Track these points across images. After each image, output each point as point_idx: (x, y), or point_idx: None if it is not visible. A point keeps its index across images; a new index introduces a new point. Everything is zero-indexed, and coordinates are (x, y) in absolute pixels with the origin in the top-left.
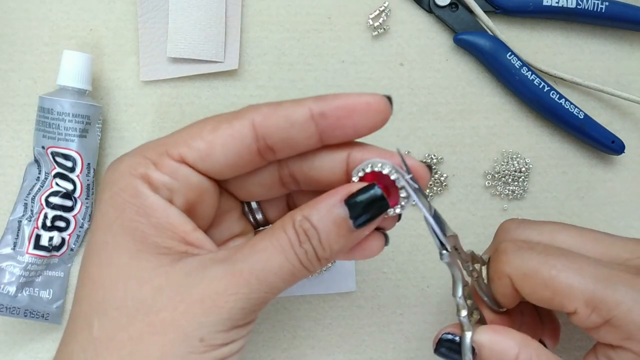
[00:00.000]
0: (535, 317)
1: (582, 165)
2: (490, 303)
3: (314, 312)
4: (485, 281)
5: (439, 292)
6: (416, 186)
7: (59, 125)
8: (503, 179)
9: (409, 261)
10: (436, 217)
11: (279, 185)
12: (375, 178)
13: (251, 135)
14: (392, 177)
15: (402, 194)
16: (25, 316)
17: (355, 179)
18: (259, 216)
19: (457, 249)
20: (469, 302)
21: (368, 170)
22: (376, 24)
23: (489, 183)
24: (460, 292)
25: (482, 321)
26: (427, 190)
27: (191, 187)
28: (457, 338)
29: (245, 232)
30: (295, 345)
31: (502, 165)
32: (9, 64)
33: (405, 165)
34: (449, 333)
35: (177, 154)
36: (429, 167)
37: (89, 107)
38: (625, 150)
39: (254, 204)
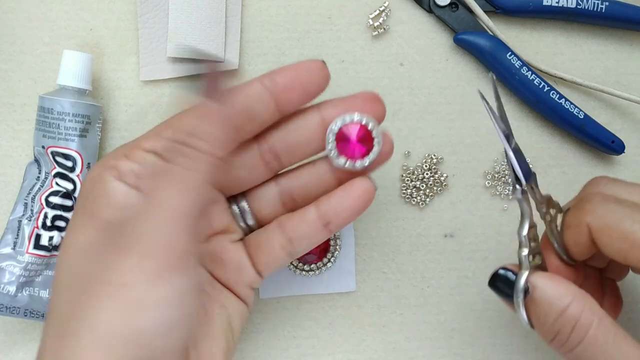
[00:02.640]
0: (597, 286)
1: (582, 165)
2: (559, 250)
3: (314, 312)
4: (559, 229)
5: (439, 292)
6: (494, 113)
7: (59, 125)
8: (503, 179)
9: (409, 261)
10: (516, 150)
11: (262, 166)
12: (351, 130)
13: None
14: (370, 127)
15: (375, 140)
16: (25, 316)
17: (331, 137)
18: (251, 222)
19: (533, 187)
20: (532, 244)
21: (340, 124)
22: (376, 24)
23: (489, 183)
24: (525, 230)
25: (542, 268)
26: (428, 191)
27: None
28: (513, 276)
29: (230, 229)
30: (295, 345)
31: (502, 165)
32: (9, 64)
33: (499, 101)
34: (506, 269)
35: (149, 146)
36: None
37: (89, 107)
38: (625, 150)
39: (245, 206)
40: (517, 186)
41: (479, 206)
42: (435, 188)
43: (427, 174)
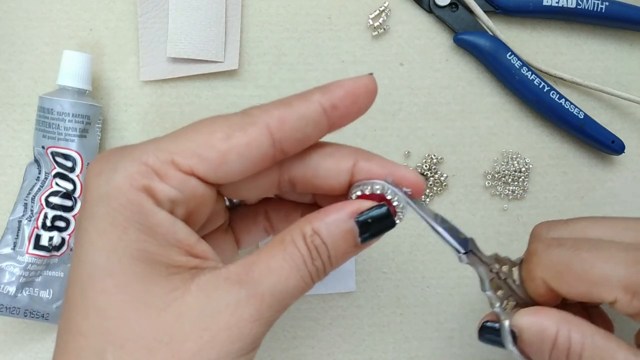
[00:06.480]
0: (583, 316)
1: (582, 165)
2: (529, 303)
3: (314, 312)
4: (518, 282)
5: (439, 292)
6: (414, 204)
7: (59, 125)
8: (503, 179)
9: (409, 261)
10: (444, 223)
11: (274, 189)
12: (372, 197)
13: (268, 142)
14: (389, 198)
15: (396, 205)
16: (25, 316)
17: (353, 197)
18: (236, 201)
19: (473, 252)
20: (499, 292)
21: (362, 192)
22: (376, 24)
23: (489, 183)
24: (487, 287)
25: (519, 303)
26: (427, 191)
27: (195, 198)
28: (496, 325)
29: (225, 222)
30: (295, 345)
31: (502, 165)
32: (9, 64)
33: (397, 187)
34: (488, 321)
35: (187, 166)
36: (424, 176)
37: (89, 107)
38: (625, 150)
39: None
40: (461, 254)
41: (479, 206)
42: (435, 188)
43: (427, 174)
